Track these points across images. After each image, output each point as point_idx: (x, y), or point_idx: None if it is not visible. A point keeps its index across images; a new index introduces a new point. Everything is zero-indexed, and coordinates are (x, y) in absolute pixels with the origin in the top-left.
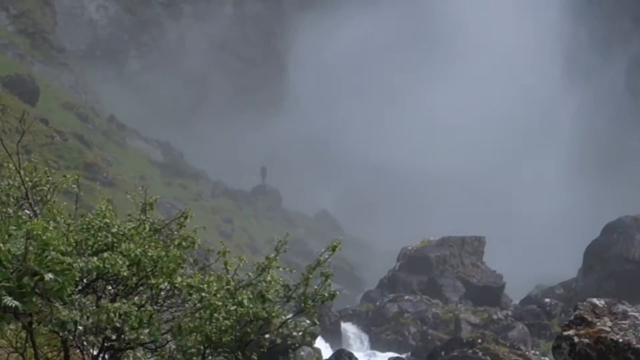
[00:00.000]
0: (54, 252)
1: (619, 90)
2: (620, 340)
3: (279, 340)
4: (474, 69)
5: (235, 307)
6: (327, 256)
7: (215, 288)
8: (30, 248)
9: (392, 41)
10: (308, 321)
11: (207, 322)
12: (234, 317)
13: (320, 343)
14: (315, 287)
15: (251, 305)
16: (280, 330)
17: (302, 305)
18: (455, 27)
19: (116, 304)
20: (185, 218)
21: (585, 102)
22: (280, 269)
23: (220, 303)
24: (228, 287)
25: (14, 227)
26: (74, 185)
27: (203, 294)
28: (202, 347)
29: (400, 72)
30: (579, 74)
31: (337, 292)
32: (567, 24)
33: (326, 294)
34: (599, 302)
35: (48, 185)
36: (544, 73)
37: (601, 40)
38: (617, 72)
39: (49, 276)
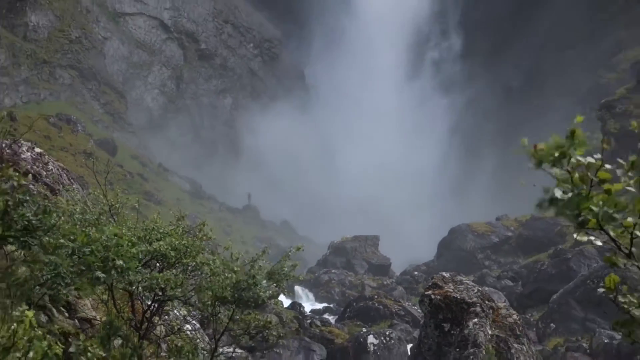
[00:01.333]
0: (123, 247)
1: (454, 149)
2: (458, 297)
3: (262, 297)
4: (374, 137)
5: (230, 274)
6: (294, 250)
7: (217, 264)
8: (109, 243)
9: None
10: (275, 285)
11: (213, 284)
12: (232, 281)
13: (281, 297)
14: (286, 269)
15: (239, 273)
16: (260, 292)
17: (277, 280)
18: (372, 108)
19: (161, 274)
20: (204, 225)
21: (442, 157)
22: (264, 261)
23: (220, 270)
24: (227, 263)
25: (100, 229)
26: (136, 205)
27: (210, 267)
28: (212, 301)
29: (322, 143)
30: (442, 144)
31: (296, 275)
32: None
33: (292, 275)
34: (446, 274)
35: (119, 205)
36: (420, 142)
37: (439, 120)
38: (455, 142)
39: (119, 262)
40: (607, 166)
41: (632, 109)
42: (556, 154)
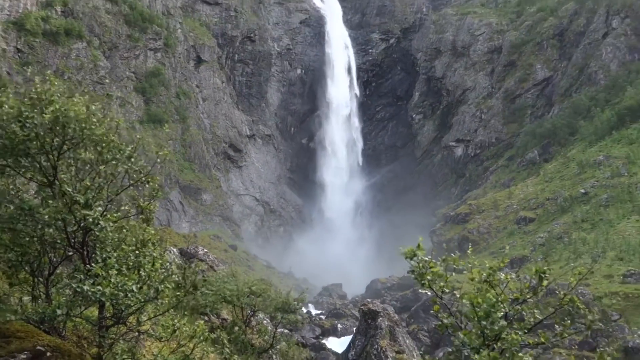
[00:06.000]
0: (239, 290)
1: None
2: (374, 309)
3: (294, 308)
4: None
5: (280, 297)
6: (306, 290)
7: (273, 294)
8: (232, 288)
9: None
10: (299, 304)
11: (271, 304)
12: (282, 301)
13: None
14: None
15: (282, 299)
16: (294, 306)
17: (301, 301)
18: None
19: (252, 297)
20: (271, 285)
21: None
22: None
23: (276, 296)
24: (279, 293)
25: (230, 284)
26: (243, 272)
27: (271, 295)
28: (273, 309)
29: (326, 244)
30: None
31: (308, 299)
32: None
33: (305, 299)
34: (369, 300)
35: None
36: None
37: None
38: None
39: (238, 299)
40: (434, 261)
41: (444, 232)
42: (412, 254)
